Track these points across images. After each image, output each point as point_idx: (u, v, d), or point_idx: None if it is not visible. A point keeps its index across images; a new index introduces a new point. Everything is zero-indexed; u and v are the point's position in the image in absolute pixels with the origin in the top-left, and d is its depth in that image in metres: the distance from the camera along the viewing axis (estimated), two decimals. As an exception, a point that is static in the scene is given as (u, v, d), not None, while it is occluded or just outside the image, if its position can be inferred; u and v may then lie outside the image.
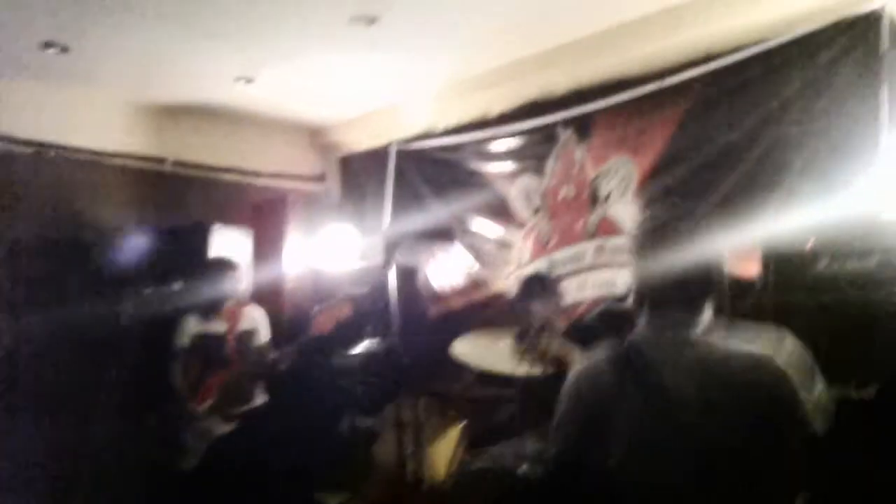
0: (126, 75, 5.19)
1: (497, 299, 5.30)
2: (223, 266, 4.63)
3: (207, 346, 4.45)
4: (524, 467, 3.31)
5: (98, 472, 3.58)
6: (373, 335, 4.09)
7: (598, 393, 2.10)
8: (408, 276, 5.42)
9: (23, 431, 4.83)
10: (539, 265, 4.99)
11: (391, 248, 2.57)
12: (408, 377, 2.88)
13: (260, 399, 4.55)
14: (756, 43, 3.84)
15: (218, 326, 4.51)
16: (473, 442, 3.82)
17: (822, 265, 3.03)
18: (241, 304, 4.64)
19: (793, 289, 3.09)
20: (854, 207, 3.21)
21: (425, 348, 4.35)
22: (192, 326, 4.46)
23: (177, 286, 3.97)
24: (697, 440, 1.91)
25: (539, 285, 4.29)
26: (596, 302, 4.65)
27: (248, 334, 4.58)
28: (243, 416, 4.42)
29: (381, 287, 4.93)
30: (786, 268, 3.16)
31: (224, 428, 4.36)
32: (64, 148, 5.48)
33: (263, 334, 4.67)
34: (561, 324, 4.21)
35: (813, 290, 3.04)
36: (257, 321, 4.67)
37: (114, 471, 4.46)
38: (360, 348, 4.03)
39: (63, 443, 4.57)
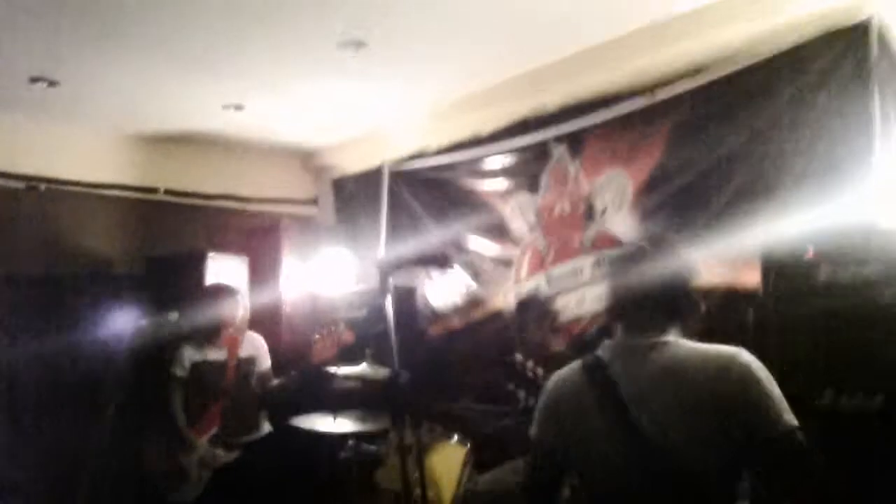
0: (115, 107, 5.19)
1: (496, 317, 5.28)
2: (222, 293, 4.60)
3: (207, 375, 4.42)
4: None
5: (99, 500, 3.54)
6: (372, 359, 4.05)
7: (565, 401, 2.21)
8: (405, 297, 5.40)
9: (20, 461, 4.81)
10: (537, 282, 4.98)
11: (387, 269, 2.55)
12: (409, 400, 2.85)
13: (264, 427, 4.52)
14: (746, 55, 3.84)
15: (218, 354, 4.47)
16: (478, 463, 3.80)
17: (823, 273, 3.02)
18: (240, 331, 4.60)
19: (795, 298, 3.06)
20: (852, 215, 3.20)
21: (425, 369, 4.32)
22: (192, 355, 4.42)
23: (173, 316, 3.93)
24: (658, 447, 1.97)
25: (533, 307, 4.29)
26: (596, 317, 4.62)
27: (249, 361, 4.55)
28: (246, 444, 4.38)
29: (379, 309, 4.90)
30: (787, 277, 3.13)
31: (227, 457, 4.32)
32: (55, 181, 5.48)
33: (264, 361, 4.63)
34: (560, 341, 4.20)
35: (815, 298, 3.02)
36: (257, 348, 4.64)
37: (115, 501, 4.42)
38: (360, 373, 3.99)
39: (61, 472, 4.53)
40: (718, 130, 3.97)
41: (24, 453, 4.87)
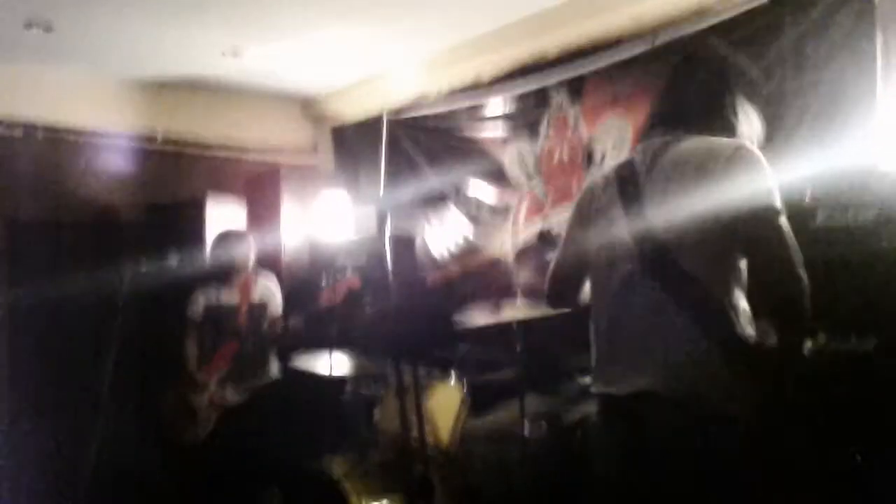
0: (112, 53, 5.14)
1: (494, 265, 5.30)
2: (235, 238, 4.65)
3: (220, 318, 4.50)
4: (526, 427, 3.34)
5: (108, 441, 3.61)
6: (372, 305, 4.09)
7: (597, 198, 2.39)
8: (404, 245, 5.41)
9: (29, 404, 4.90)
10: (535, 229, 4.99)
11: (386, 213, 2.57)
12: (407, 343, 2.88)
13: (273, 370, 4.58)
14: (748, -2, 3.80)
15: (231, 298, 4.53)
16: (475, 406, 3.85)
17: (820, 218, 3.03)
18: (253, 276, 4.65)
19: (791, 242, 3.07)
20: (851, 159, 3.19)
21: (424, 315, 4.35)
22: (206, 299, 4.53)
23: (174, 260, 3.96)
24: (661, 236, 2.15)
25: (531, 251, 4.30)
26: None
27: (261, 306, 4.59)
28: (255, 387, 4.45)
29: (378, 256, 4.92)
30: (784, 222, 3.15)
31: (235, 398, 4.41)
32: (53, 128, 5.45)
33: (276, 306, 4.67)
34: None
35: (811, 242, 3.02)
36: (271, 293, 4.67)
37: (124, 440, 4.49)
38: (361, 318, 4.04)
39: (72, 413, 4.61)
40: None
41: (28, 400, 4.94)
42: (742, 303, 2.15)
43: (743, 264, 2.15)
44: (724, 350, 2.08)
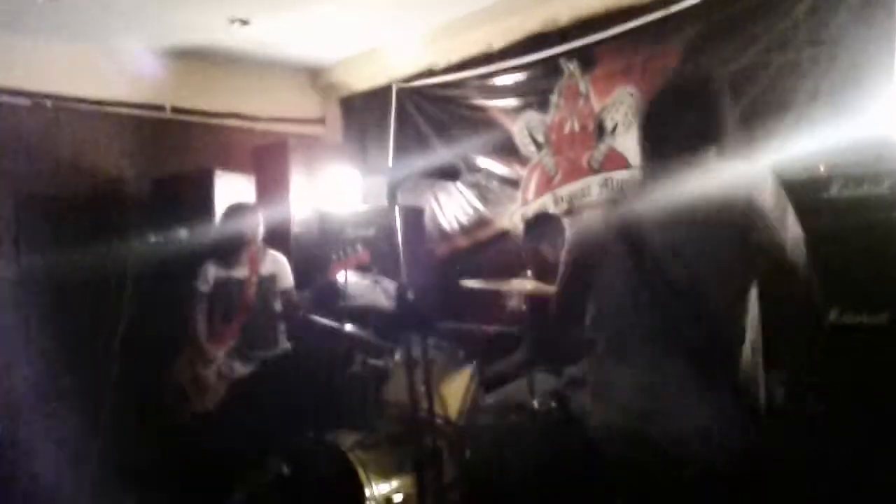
0: (118, 22, 5.09)
1: (502, 237, 5.28)
2: (244, 211, 4.63)
3: (229, 290, 4.51)
4: (535, 402, 3.33)
5: (119, 410, 3.63)
6: (381, 276, 4.08)
7: (588, 242, 2.42)
8: (413, 217, 5.39)
9: (43, 373, 4.91)
10: (544, 201, 4.96)
11: (396, 184, 2.54)
12: (416, 315, 2.87)
13: (282, 343, 4.59)
14: (765, -35, 3.74)
15: (240, 271, 4.54)
16: (484, 380, 3.84)
17: (834, 190, 2.98)
18: (262, 249, 4.65)
19: (805, 214, 3.02)
20: (866, 131, 3.15)
21: (432, 288, 4.34)
22: (215, 271, 4.52)
23: (183, 233, 3.95)
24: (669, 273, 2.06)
25: (546, 224, 4.27)
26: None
27: (270, 279, 4.60)
28: (263, 359, 4.46)
29: (387, 228, 4.91)
30: (797, 193, 3.09)
31: (244, 370, 4.43)
32: (62, 98, 5.43)
33: (286, 279, 4.67)
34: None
35: (825, 215, 2.99)
36: (280, 266, 4.67)
37: (134, 409, 4.53)
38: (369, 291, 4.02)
39: (81, 384, 4.63)
40: (734, 44, 3.89)
41: (39, 374, 4.97)
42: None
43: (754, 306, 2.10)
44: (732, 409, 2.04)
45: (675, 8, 4.13)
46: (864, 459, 2.70)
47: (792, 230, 2.06)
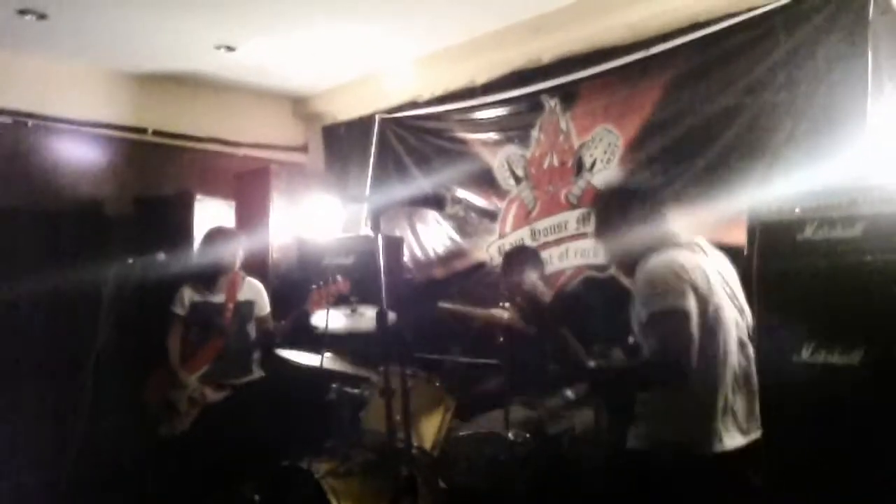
0: (106, 43, 5.12)
1: (479, 268, 5.32)
2: (223, 236, 4.62)
3: (205, 315, 4.49)
4: (511, 434, 3.34)
5: (90, 434, 3.58)
6: (359, 304, 4.08)
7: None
8: (392, 246, 5.41)
9: (15, 395, 4.87)
10: (521, 234, 5.00)
11: (378, 215, 2.56)
12: (395, 341, 2.89)
13: (255, 370, 4.57)
14: (743, 10, 3.83)
15: (217, 296, 4.53)
16: (461, 411, 3.85)
17: (808, 232, 3.04)
18: (240, 275, 4.63)
19: (779, 255, 3.09)
20: (841, 174, 3.23)
21: (410, 317, 4.35)
22: (191, 295, 4.51)
23: (160, 256, 3.93)
24: None
25: (525, 256, 4.32)
26: (578, 270, 4.67)
27: (247, 305, 4.58)
28: (236, 385, 4.43)
29: (367, 256, 4.92)
30: (772, 235, 3.16)
31: (216, 396, 4.40)
32: (43, 118, 5.41)
33: (263, 306, 4.66)
34: (549, 292, 4.24)
35: (800, 256, 3.04)
36: (256, 293, 4.66)
37: (106, 433, 4.46)
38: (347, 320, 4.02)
39: (55, 405, 4.58)
40: (712, 86, 3.99)
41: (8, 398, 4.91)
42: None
43: None
44: None
45: (654, 49, 4.22)
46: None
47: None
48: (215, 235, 4.62)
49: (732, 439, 2.66)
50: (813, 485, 2.84)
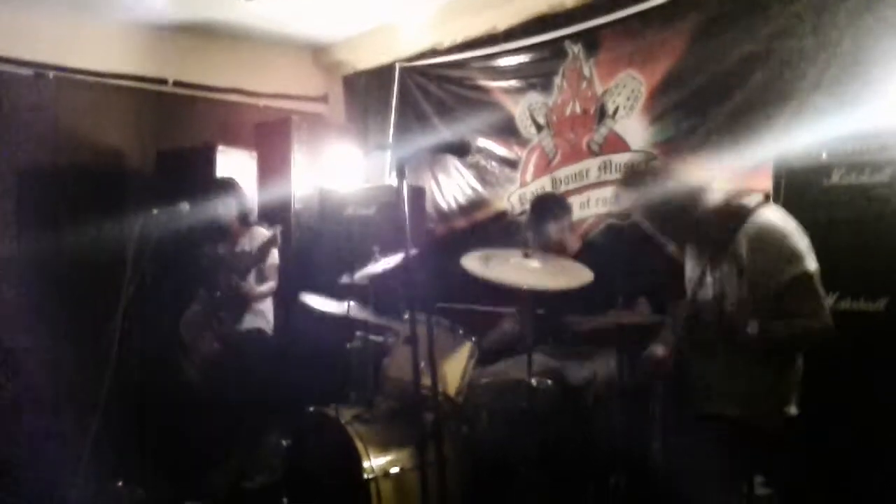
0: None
1: (500, 218, 5.31)
2: (226, 186, 4.63)
3: (212, 268, 4.55)
4: (533, 381, 3.36)
5: (121, 385, 3.66)
6: (382, 254, 4.09)
7: None
8: (415, 196, 5.41)
9: (39, 347, 4.94)
10: (542, 183, 4.98)
11: (403, 164, 2.55)
12: (420, 289, 2.90)
13: (250, 320, 4.62)
14: (770, -46, 3.75)
15: (225, 247, 4.57)
16: (483, 358, 3.87)
17: (835, 178, 3.02)
18: (247, 225, 4.64)
19: (805, 202, 3.07)
20: (869, 120, 3.18)
21: (432, 267, 4.36)
22: (205, 247, 4.58)
23: (184, 207, 3.96)
24: None
25: (551, 204, 4.28)
26: (599, 218, 4.66)
27: (251, 255, 4.58)
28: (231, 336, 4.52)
29: (389, 206, 4.94)
30: (798, 181, 3.15)
31: (212, 347, 4.52)
32: (65, 69, 5.41)
33: (272, 256, 4.67)
34: (575, 239, 4.22)
35: (825, 203, 3.03)
36: (260, 243, 4.62)
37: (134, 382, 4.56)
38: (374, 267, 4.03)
39: (78, 357, 4.66)
40: (738, 32, 3.91)
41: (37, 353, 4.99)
42: None
43: None
44: None
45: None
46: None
47: None
48: (218, 187, 4.66)
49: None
50: (837, 429, 2.87)
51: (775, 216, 2.65)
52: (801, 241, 2.59)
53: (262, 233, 4.63)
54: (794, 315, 2.54)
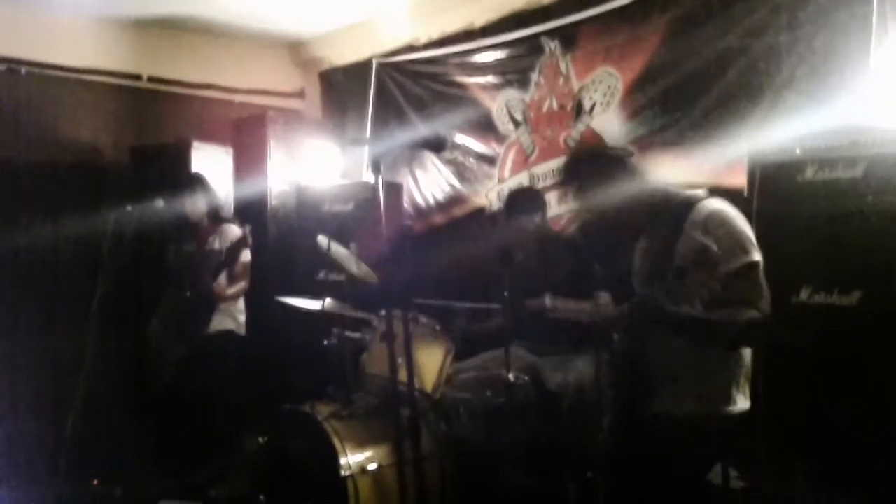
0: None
1: (478, 214, 5.32)
2: (193, 182, 4.56)
3: (180, 266, 4.48)
4: (511, 376, 3.37)
5: (96, 374, 3.64)
6: (357, 252, 4.08)
7: None
8: (392, 192, 5.40)
9: (18, 345, 4.88)
10: (520, 179, 4.99)
11: (379, 160, 2.54)
12: (397, 286, 2.90)
13: (218, 322, 4.53)
14: (746, -51, 3.77)
15: (189, 245, 4.50)
16: (460, 355, 3.88)
17: (808, 174, 3.05)
18: (218, 221, 4.58)
19: (779, 197, 3.10)
20: (842, 116, 3.21)
21: (410, 263, 4.35)
22: (174, 247, 4.51)
23: (159, 202, 3.92)
24: None
25: (522, 198, 4.30)
26: (577, 213, 4.67)
27: (229, 256, 4.45)
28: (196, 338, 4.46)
29: (367, 202, 4.93)
30: (772, 177, 3.17)
31: (178, 348, 4.44)
32: (37, 65, 5.34)
33: (244, 253, 4.58)
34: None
35: (799, 198, 3.06)
36: (231, 240, 4.46)
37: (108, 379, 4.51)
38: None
39: (52, 356, 4.61)
40: (714, 28, 3.93)
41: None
42: None
43: None
44: None
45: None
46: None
47: None
48: (188, 183, 4.57)
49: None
50: (812, 420, 2.90)
51: (723, 205, 2.65)
52: (749, 229, 2.61)
53: (234, 230, 4.50)
54: (739, 304, 2.53)
